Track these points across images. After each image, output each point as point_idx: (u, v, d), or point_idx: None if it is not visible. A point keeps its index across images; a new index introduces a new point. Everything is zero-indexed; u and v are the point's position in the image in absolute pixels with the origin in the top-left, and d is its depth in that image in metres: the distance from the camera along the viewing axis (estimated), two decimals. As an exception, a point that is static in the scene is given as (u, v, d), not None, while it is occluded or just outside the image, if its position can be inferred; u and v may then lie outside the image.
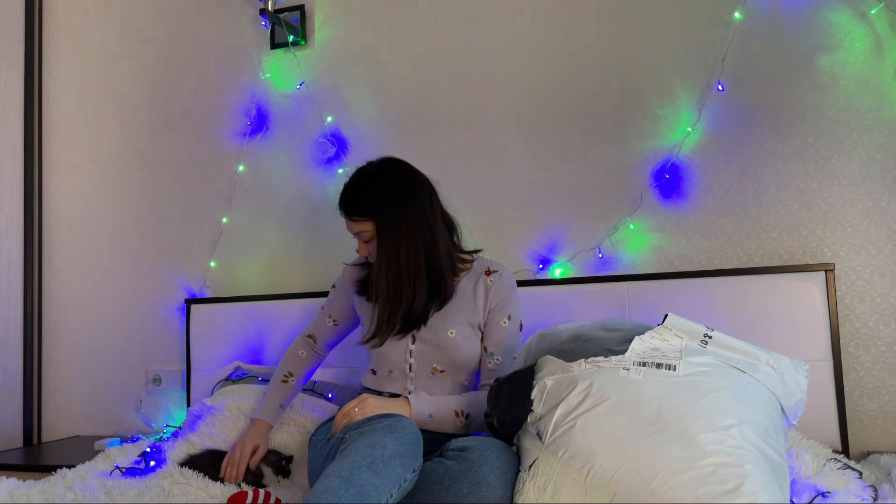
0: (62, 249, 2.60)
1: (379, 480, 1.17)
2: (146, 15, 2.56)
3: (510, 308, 1.66)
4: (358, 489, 1.14)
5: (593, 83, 2.08)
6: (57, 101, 2.65)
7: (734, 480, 1.08)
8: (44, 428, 2.57)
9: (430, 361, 1.64)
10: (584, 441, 1.19)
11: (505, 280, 1.68)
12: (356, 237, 1.65)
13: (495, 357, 1.64)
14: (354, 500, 1.12)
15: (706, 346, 1.30)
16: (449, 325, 1.63)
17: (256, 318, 2.25)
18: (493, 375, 1.61)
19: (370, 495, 1.14)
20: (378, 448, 1.21)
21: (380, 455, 1.20)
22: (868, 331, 1.84)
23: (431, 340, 1.63)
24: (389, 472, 1.19)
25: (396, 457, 1.21)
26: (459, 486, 1.25)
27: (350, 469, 1.17)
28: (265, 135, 2.38)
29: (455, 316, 1.64)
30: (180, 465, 1.68)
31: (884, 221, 1.85)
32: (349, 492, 1.13)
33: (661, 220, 2.00)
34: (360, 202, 1.61)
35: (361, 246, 1.65)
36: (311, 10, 2.36)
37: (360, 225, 1.61)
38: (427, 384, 1.64)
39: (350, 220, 1.62)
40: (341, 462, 1.20)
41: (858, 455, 1.78)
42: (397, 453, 1.22)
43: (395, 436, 1.25)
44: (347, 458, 1.20)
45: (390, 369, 1.66)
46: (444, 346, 1.63)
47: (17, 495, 1.55)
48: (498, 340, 1.65)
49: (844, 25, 1.89)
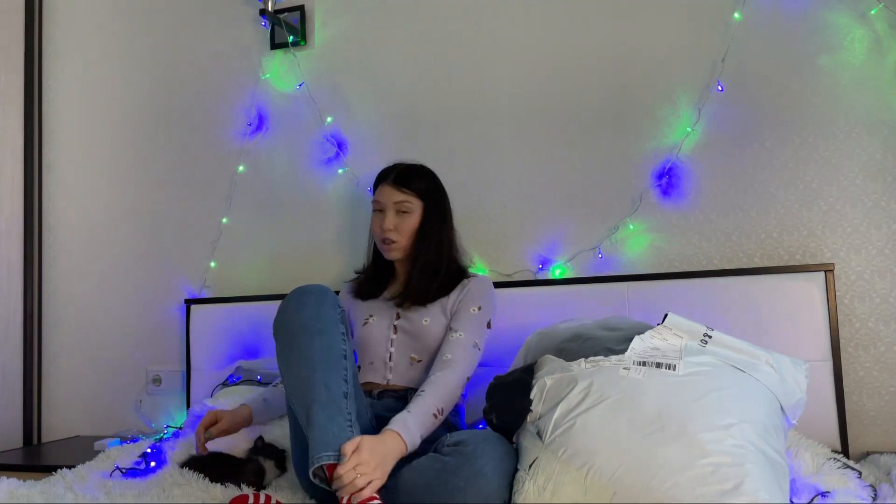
0: (62, 249, 2.60)
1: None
2: (146, 15, 2.56)
3: (482, 301, 1.71)
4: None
5: (593, 83, 2.08)
6: (57, 101, 2.65)
7: (734, 480, 1.08)
8: (44, 428, 2.57)
9: (409, 351, 1.72)
10: (583, 440, 1.19)
11: (482, 280, 1.76)
12: (393, 207, 1.72)
13: (457, 332, 1.66)
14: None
15: (706, 345, 1.30)
16: (423, 315, 1.72)
17: (256, 318, 2.25)
18: (453, 346, 1.63)
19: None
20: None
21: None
22: (868, 331, 1.84)
23: (410, 330, 1.72)
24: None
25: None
26: (456, 480, 1.25)
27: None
28: (265, 135, 2.38)
29: (432, 308, 1.73)
30: (181, 466, 1.68)
31: (884, 222, 1.85)
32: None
33: (660, 220, 2.00)
34: (413, 178, 1.76)
35: (389, 217, 1.72)
36: (311, 10, 2.36)
37: (406, 196, 1.73)
38: (406, 374, 1.71)
39: (397, 189, 1.73)
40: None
41: (858, 455, 1.78)
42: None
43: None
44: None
45: (371, 360, 1.75)
46: (420, 333, 1.70)
47: (17, 496, 1.54)
48: (464, 321, 1.68)
49: (844, 25, 1.89)
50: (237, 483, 1.58)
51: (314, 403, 1.34)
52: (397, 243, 1.75)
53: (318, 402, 1.34)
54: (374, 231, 1.80)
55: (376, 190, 1.79)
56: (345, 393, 1.36)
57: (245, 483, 1.59)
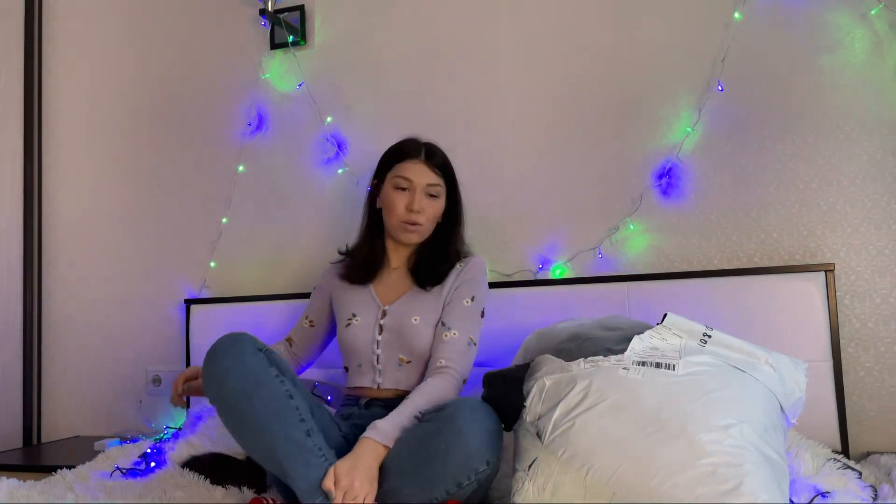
0: (62, 249, 2.60)
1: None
2: (146, 15, 2.56)
3: (476, 290, 1.66)
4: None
5: (593, 83, 2.08)
6: (57, 101, 2.65)
7: (733, 480, 1.08)
8: (44, 428, 2.57)
9: (396, 352, 1.63)
10: (583, 441, 1.19)
11: (474, 263, 1.70)
12: (425, 188, 1.65)
13: (451, 331, 1.59)
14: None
15: (705, 345, 1.30)
16: (413, 312, 1.63)
17: (256, 318, 2.25)
18: (447, 349, 1.58)
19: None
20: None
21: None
22: (868, 331, 1.84)
23: (395, 328, 1.63)
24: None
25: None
26: (437, 442, 1.25)
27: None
28: (265, 135, 2.38)
29: (422, 303, 1.65)
30: (181, 466, 1.68)
31: (884, 222, 1.85)
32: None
33: (661, 220, 2.00)
34: (442, 159, 1.70)
35: (419, 198, 1.64)
36: (311, 10, 2.36)
37: (437, 178, 1.67)
38: (395, 375, 1.63)
39: (431, 170, 1.66)
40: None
41: (858, 455, 1.78)
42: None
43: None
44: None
45: (359, 362, 1.66)
46: (407, 333, 1.62)
47: (17, 496, 1.54)
48: (458, 317, 1.62)
49: (844, 25, 1.89)
50: (238, 485, 1.58)
51: (284, 459, 1.30)
52: (423, 227, 1.66)
53: (286, 455, 1.30)
54: (394, 210, 1.65)
55: (400, 165, 1.66)
56: (307, 431, 1.33)
57: (245, 485, 1.59)
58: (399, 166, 1.67)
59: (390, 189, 1.67)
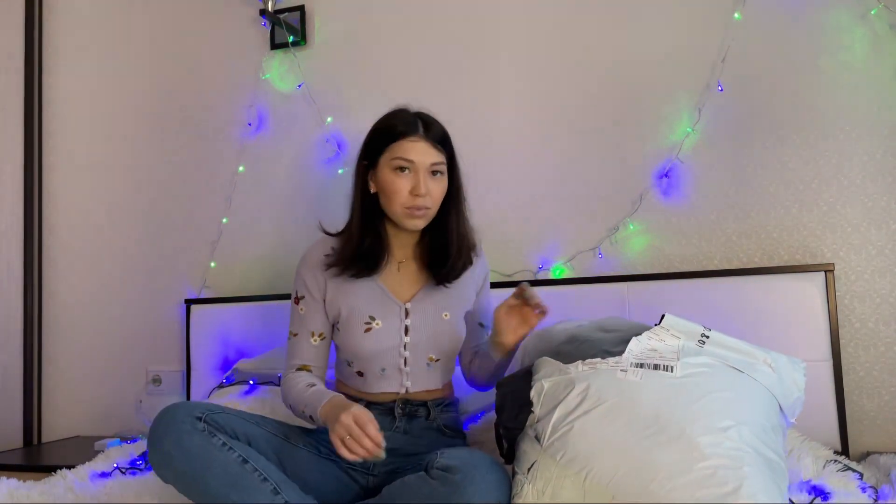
0: (62, 250, 2.60)
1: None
2: (146, 16, 2.56)
3: (489, 283, 1.73)
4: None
5: (593, 83, 2.08)
6: (57, 101, 2.65)
7: (733, 483, 1.08)
8: (44, 428, 2.57)
9: (425, 352, 1.52)
10: (582, 444, 1.19)
11: (484, 259, 1.72)
12: (429, 168, 1.47)
13: (488, 329, 1.65)
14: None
15: (703, 345, 1.29)
16: (442, 308, 1.55)
17: (256, 318, 2.25)
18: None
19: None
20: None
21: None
22: (868, 331, 1.84)
23: (425, 328, 1.52)
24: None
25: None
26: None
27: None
28: (265, 135, 2.38)
29: (445, 298, 1.57)
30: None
31: (884, 222, 1.84)
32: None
33: (661, 220, 2.00)
34: (442, 133, 1.51)
35: (423, 179, 1.45)
36: (311, 10, 2.35)
37: (441, 156, 1.49)
38: (423, 376, 1.54)
39: (434, 147, 1.48)
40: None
41: (858, 455, 1.77)
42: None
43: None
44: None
45: (382, 367, 1.51)
46: (438, 331, 1.53)
47: (17, 496, 1.55)
48: (490, 315, 1.59)
49: (844, 25, 1.88)
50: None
51: None
52: (431, 210, 1.49)
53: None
54: (395, 195, 1.46)
55: (398, 145, 1.48)
56: (273, 489, 1.28)
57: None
58: (396, 146, 1.48)
59: (388, 172, 1.48)
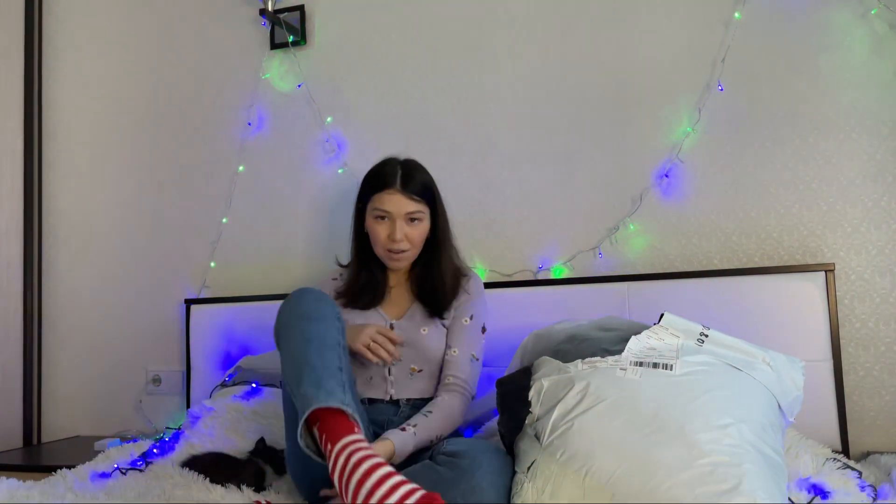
0: (62, 249, 2.60)
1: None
2: (146, 16, 2.56)
3: (473, 309, 1.70)
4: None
5: (593, 83, 2.08)
6: (57, 102, 2.65)
7: (732, 480, 1.08)
8: (44, 428, 2.57)
9: (408, 362, 1.65)
10: (581, 442, 1.19)
11: (472, 283, 1.73)
12: (405, 217, 1.62)
13: (452, 349, 1.66)
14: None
15: (702, 344, 1.30)
16: (421, 325, 1.67)
17: (256, 318, 2.25)
18: (451, 367, 1.64)
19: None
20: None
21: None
22: (868, 331, 1.84)
23: (406, 341, 1.65)
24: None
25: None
26: (453, 494, 1.23)
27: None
28: (265, 135, 2.38)
29: (427, 318, 1.68)
30: (181, 466, 1.68)
31: (884, 222, 1.85)
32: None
33: (661, 220, 2.00)
34: (420, 182, 1.64)
35: (399, 227, 1.62)
36: (311, 10, 2.36)
37: (417, 205, 1.63)
38: (407, 385, 1.66)
39: (408, 198, 1.62)
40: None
41: (858, 455, 1.78)
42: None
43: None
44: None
45: (370, 375, 1.66)
46: (418, 344, 1.65)
47: (17, 496, 1.54)
48: (457, 335, 1.67)
49: (844, 25, 1.89)
50: (237, 484, 1.58)
51: (306, 368, 1.28)
52: (408, 253, 1.67)
53: (310, 367, 1.28)
54: (377, 240, 1.66)
55: (378, 196, 1.64)
56: (339, 367, 1.32)
57: (245, 484, 1.59)
58: (376, 197, 1.64)
59: (371, 219, 1.66)
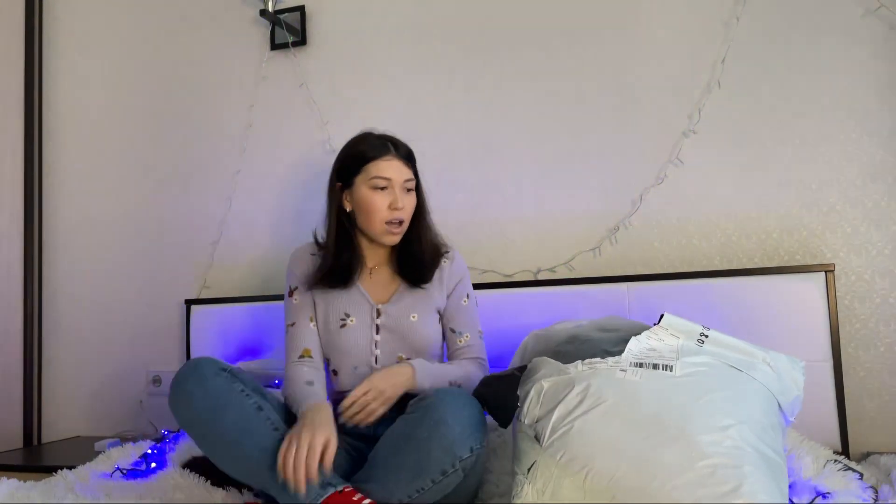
0: (62, 250, 2.60)
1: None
2: (146, 16, 2.56)
3: (466, 288, 1.69)
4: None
5: (593, 83, 2.08)
6: (57, 102, 2.65)
7: (733, 482, 1.08)
8: (44, 428, 2.57)
9: (395, 351, 1.60)
10: (582, 444, 1.19)
11: (458, 261, 1.69)
12: (403, 185, 1.58)
13: (464, 335, 1.65)
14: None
15: (702, 345, 1.30)
16: (410, 311, 1.61)
17: (256, 318, 2.25)
18: (466, 352, 1.64)
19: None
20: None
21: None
22: (868, 331, 1.84)
23: (394, 328, 1.60)
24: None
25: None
26: (419, 432, 1.28)
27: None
28: (265, 135, 2.38)
29: (416, 300, 1.63)
30: (182, 468, 1.68)
31: (884, 222, 1.85)
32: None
33: (661, 220, 2.00)
34: (410, 152, 1.63)
35: (400, 196, 1.56)
36: (311, 10, 2.36)
37: (411, 172, 1.61)
38: None
39: (407, 165, 1.60)
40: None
41: (858, 456, 1.78)
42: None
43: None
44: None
45: (355, 365, 1.59)
46: (406, 331, 1.60)
47: (17, 496, 1.55)
48: (464, 320, 1.66)
49: (845, 26, 1.88)
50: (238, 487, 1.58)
51: (261, 471, 1.33)
52: (405, 224, 1.60)
53: (262, 466, 1.32)
54: (375, 212, 1.56)
55: (375, 165, 1.57)
56: (281, 439, 1.33)
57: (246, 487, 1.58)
58: (373, 166, 1.57)
59: (367, 191, 1.57)
